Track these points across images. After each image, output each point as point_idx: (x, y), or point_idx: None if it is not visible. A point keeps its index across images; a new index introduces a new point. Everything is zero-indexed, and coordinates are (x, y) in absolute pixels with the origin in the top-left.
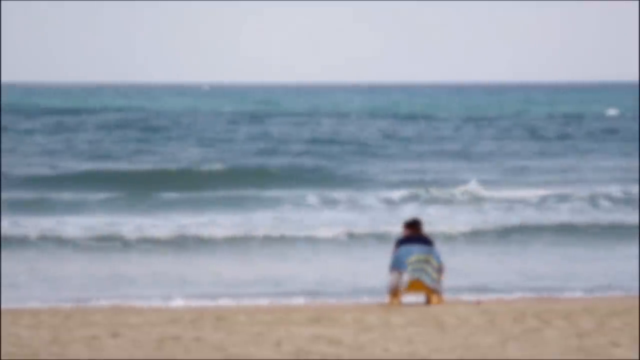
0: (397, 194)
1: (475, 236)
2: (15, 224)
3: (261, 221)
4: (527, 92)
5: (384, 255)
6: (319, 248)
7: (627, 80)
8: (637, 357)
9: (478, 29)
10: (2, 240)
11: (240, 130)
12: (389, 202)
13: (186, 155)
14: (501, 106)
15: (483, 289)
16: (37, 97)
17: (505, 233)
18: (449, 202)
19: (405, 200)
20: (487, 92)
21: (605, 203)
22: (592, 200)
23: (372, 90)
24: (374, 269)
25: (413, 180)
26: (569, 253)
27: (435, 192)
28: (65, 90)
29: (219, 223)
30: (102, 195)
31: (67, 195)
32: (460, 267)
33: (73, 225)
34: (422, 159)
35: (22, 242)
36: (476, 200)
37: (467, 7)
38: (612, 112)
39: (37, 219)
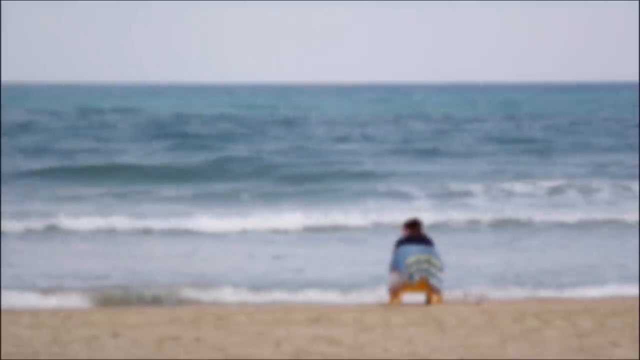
0: None
1: None
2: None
3: None
4: (523, 92)
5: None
6: None
7: (627, 81)
8: (637, 357)
9: (467, 29)
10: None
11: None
12: None
13: None
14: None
15: None
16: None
17: None
18: None
19: None
20: (480, 92)
21: None
22: None
23: (363, 90)
24: None
25: None
26: None
27: None
28: (81, 90)
29: None
30: None
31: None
32: None
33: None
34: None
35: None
36: None
37: (458, 8)
38: None
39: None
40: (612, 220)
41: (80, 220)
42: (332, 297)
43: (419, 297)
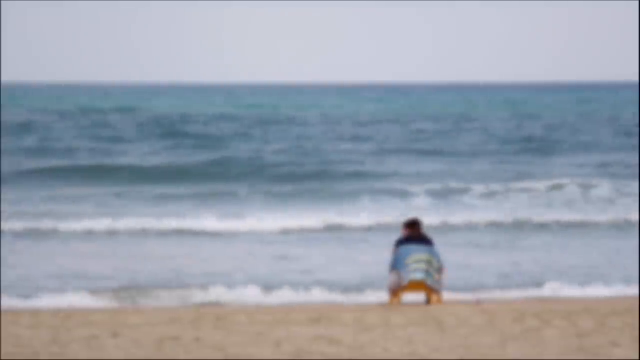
0: None
1: None
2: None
3: None
4: (523, 92)
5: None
6: None
7: (627, 81)
8: (637, 357)
9: (466, 29)
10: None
11: None
12: None
13: None
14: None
15: None
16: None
17: None
18: None
19: None
20: (480, 92)
21: None
22: None
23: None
24: None
25: None
26: None
27: None
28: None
29: None
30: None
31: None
32: None
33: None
34: None
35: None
36: None
37: (458, 8)
38: None
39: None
40: (612, 220)
41: (80, 221)
42: (332, 297)
43: (419, 297)
